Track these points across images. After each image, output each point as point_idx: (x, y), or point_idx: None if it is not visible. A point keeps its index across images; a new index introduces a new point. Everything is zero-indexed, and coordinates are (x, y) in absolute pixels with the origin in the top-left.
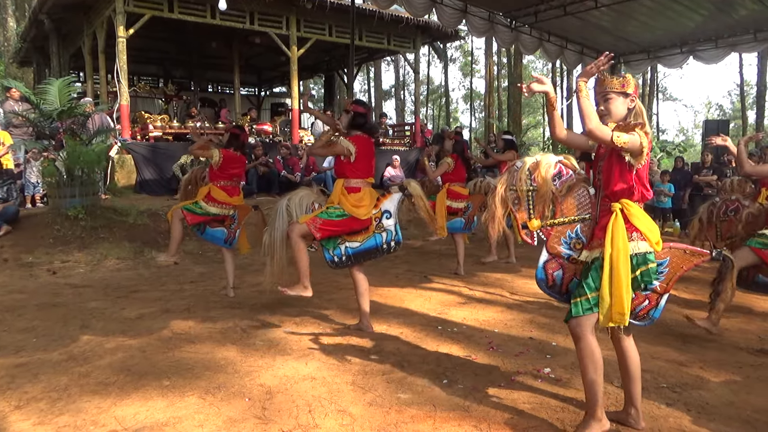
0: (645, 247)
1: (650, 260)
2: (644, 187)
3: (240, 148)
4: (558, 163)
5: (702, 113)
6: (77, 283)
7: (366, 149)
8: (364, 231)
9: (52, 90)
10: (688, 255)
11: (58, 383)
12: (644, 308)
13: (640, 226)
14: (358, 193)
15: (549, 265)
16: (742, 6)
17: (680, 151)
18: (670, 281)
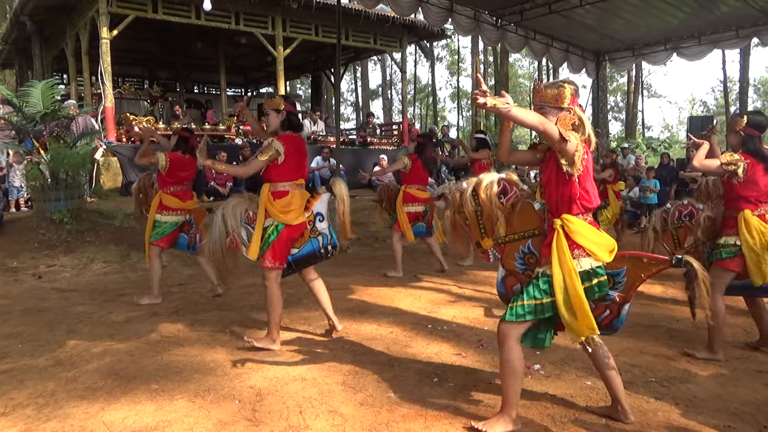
0: (589, 264)
1: (598, 274)
2: (586, 196)
3: (189, 151)
4: (501, 180)
5: (686, 109)
6: (63, 287)
7: (295, 148)
8: (300, 236)
9: (35, 92)
10: (645, 263)
11: (45, 389)
12: (606, 318)
13: (582, 242)
14: (285, 197)
15: (507, 280)
16: (724, 3)
17: (665, 148)
18: (630, 290)
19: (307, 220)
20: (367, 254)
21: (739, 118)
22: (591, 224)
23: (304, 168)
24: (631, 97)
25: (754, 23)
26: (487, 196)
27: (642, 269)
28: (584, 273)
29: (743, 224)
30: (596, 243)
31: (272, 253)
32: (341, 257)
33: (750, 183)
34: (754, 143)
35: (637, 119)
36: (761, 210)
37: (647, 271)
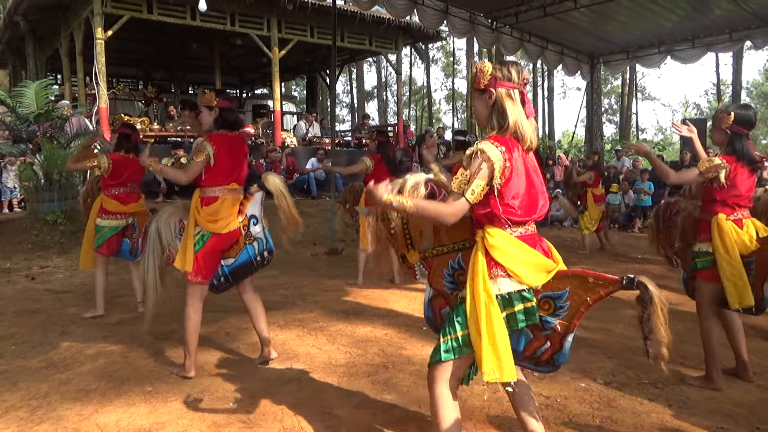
0: (510, 286)
1: (524, 299)
2: (510, 209)
3: (133, 150)
4: (428, 182)
5: (680, 112)
6: (57, 288)
7: (227, 149)
8: (235, 245)
9: (29, 93)
10: (591, 284)
11: (38, 391)
12: (546, 352)
13: (502, 260)
14: (214, 203)
15: (435, 302)
16: (717, 6)
17: (659, 150)
18: (574, 317)
19: (241, 226)
20: None
21: (725, 114)
22: (524, 238)
23: (239, 171)
24: (625, 100)
25: (747, 26)
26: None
27: (587, 291)
28: (503, 297)
29: (715, 230)
30: (521, 262)
31: (195, 265)
32: (336, 259)
33: (730, 187)
34: (741, 143)
35: (631, 121)
36: (737, 214)
37: (593, 293)
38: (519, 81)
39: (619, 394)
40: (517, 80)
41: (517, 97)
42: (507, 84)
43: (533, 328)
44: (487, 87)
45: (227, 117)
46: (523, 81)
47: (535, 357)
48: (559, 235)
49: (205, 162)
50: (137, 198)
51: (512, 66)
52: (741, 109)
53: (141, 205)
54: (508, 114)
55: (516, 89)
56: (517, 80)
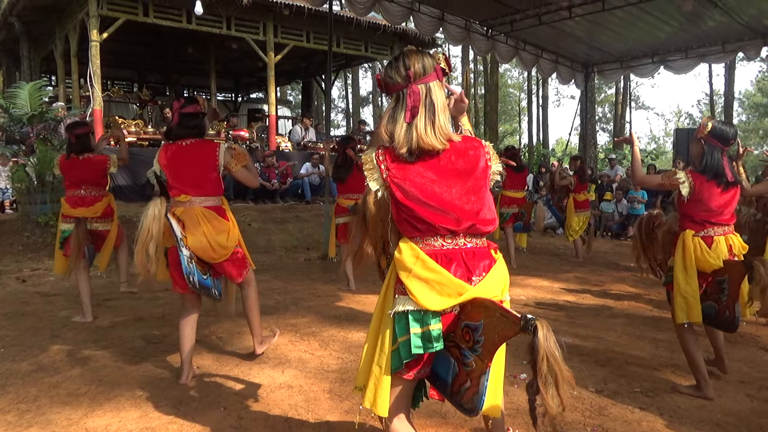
0: (405, 304)
1: (425, 322)
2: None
3: (81, 151)
4: None
5: (673, 121)
6: (47, 291)
7: (173, 159)
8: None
9: (23, 94)
10: (499, 319)
11: (27, 394)
12: (468, 391)
13: (402, 275)
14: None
15: None
16: (710, 18)
17: (652, 159)
18: (489, 356)
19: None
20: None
21: (703, 124)
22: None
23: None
24: (619, 109)
25: (739, 38)
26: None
27: (496, 328)
28: (399, 316)
29: (680, 245)
30: (421, 279)
31: (171, 279)
32: (329, 264)
33: (696, 202)
34: (713, 156)
35: (625, 130)
36: (708, 231)
37: (501, 332)
38: (402, 79)
39: (611, 403)
40: (400, 79)
41: (402, 98)
42: (395, 87)
43: (458, 362)
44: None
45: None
46: (407, 75)
47: (460, 395)
48: (552, 242)
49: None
50: (89, 203)
51: (398, 63)
52: (720, 123)
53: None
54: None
55: (402, 89)
56: (401, 79)
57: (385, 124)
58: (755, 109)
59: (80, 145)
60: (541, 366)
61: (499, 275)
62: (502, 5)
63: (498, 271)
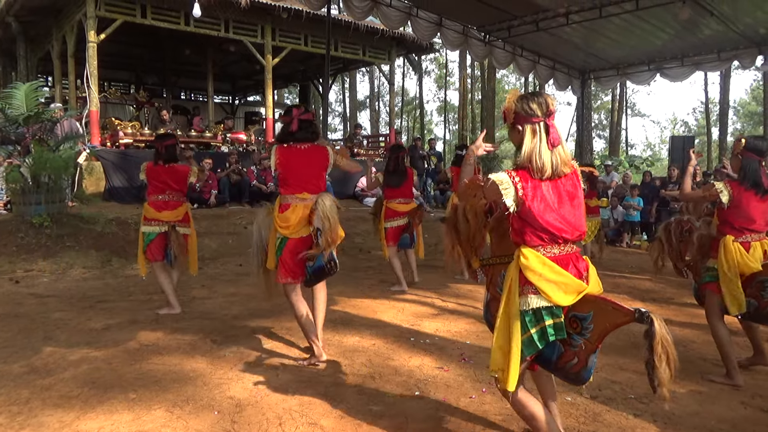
0: (537, 302)
1: (554, 315)
2: (534, 230)
3: (168, 160)
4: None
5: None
6: (41, 292)
7: (292, 161)
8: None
9: (19, 94)
10: (611, 312)
11: (19, 397)
12: (574, 367)
13: (533, 279)
14: (286, 211)
15: (492, 305)
16: (706, 27)
17: (648, 166)
18: (598, 340)
19: (312, 234)
20: (351, 265)
21: (737, 141)
22: (556, 259)
23: (308, 181)
24: (615, 116)
25: (734, 47)
26: (473, 213)
27: (607, 318)
28: (531, 312)
29: (722, 250)
30: (551, 282)
31: (282, 269)
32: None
33: (735, 209)
34: (752, 167)
35: (621, 137)
36: (746, 237)
37: (612, 321)
38: (543, 113)
39: (605, 409)
40: (540, 113)
41: (541, 129)
42: (530, 119)
43: (564, 343)
44: (514, 124)
45: (282, 130)
46: (547, 112)
47: (566, 369)
48: None
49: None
50: (174, 206)
51: (534, 99)
52: (752, 138)
53: (178, 214)
54: (524, 147)
55: (540, 122)
56: (540, 113)
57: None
58: (750, 117)
59: (168, 155)
60: (656, 347)
61: (595, 274)
62: (500, 11)
63: (593, 271)
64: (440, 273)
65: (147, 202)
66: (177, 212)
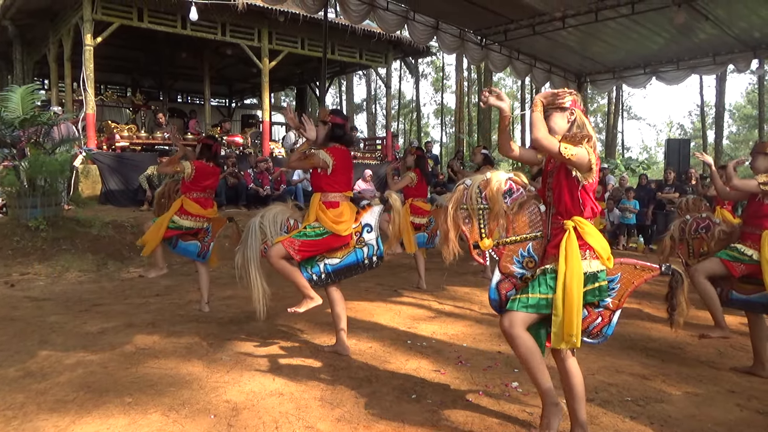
0: (597, 266)
1: (601, 278)
2: (593, 204)
3: (212, 159)
4: (508, 180)
5: (664, 132)
6: (37, 296)
7: (344, 161)
8: (344, 247)
9: (15, 97)
10: (638, 270)
11: (14, 401)
12: (597, 326)
13: (594, 244)
14: (338, 208)
15: (502, 285)
16: (701, 30)
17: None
18: (622, 297)
19: (354, 232)
20: None
21: (762, 143)
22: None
23: (351, 181)
24: (611, 119)
25: (729, 50)
26: (494, 193)
27: (634, 276)
28: (590, 275)
29: (766, 243)
30: (603, 248)
31: (302, 243)
32: None
33: None
34: None
35: (617, 140)
36: None
37: (638, 278)
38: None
39: (602, 411)
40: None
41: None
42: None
43: (589, 306)
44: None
45: (336, 132)
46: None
47: (588, 331)
48: None
49: (313, 165)
50: (212, 204)
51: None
52: None
53: (215, 211)
54: (589, 127)
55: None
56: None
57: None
58: (745, 120)
59: (214, 155)
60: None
61: None
62: (497, 15)
63: None
64: (436, 275)
65: (187, 197)
66: (215, 209)
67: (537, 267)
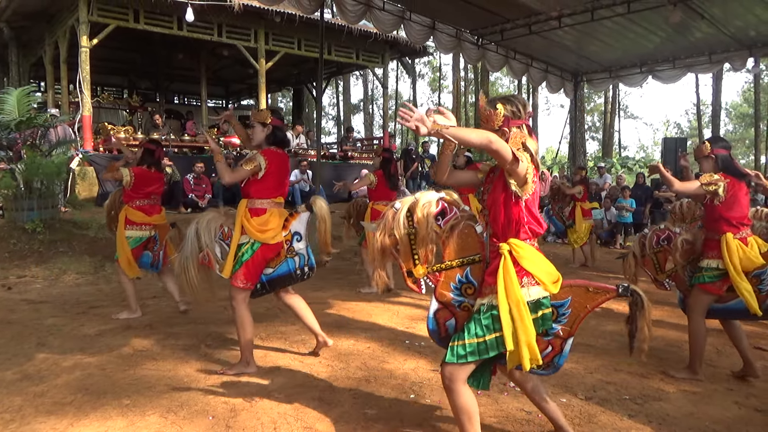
0: (537, 293)
1: (544, 305)
2: (534, 221)
3: (155, 165)
4: (440, 200)
5: (661, 131)
6: (34, 298)
7: (279, 166)
8: (276, 256)
9: (10, 100)
10: (591, 293)
11: (12, 404)
12: (548, 355)
13: (531, 269)
14: (263, 215)
15: (440, 314)
16: (697, 29)
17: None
18: (575, 323)
19: (284, 240)
20: (345, 268)
21: (703, 145)
22: (538, 251)
23: (285, 186)
24: (608, 118)
25: (725, 49)
26: (423, 216)
27: (587, 300)
28: (531, 303)
29: (725, 249)
30: (545, 272)
31: (245, 272)
32: (319, 271)
33: (732, 203)
34: (730, 162)
35: (614, 139)
36: (743, 233)
37: (592, 301)
38: (525, 115)
39: (600, 410)
40: (523, 115)
41: (525, 130)
42: (517, 121)
43: (537, 335)
44: (501, 127)
45: (278, 134)
46: (527, 113)
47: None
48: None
49: (253, 172)
50: (159, 210)
51: (519, 102)
52: (713, 138)
53: (163, 217)
54: (531, 149)
55: (524, 124)
56: (524, 115)
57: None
58: (741, 119)
59: (155, 160)
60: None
61: None
62: (493, 14)
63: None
64: None
65: (130, 206)
66: (162, 215)
67: (477, 294)
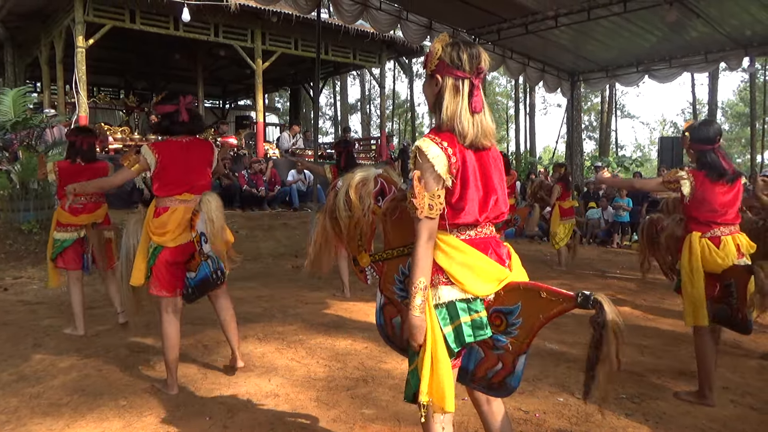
0: (449, 295)
1: (471, 310)
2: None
3: (82, 155)
4: (377, 177)
5: (657, 130)
6: (30, 299)
7: (173, 157)
8: (191, 259)
9: (6, 100)
10: (546, 299)
11: (8, 405)
12: (498, 373)
13: (445, 265)
14: (162, 215)
15: (386, 309)
16: (693, 28)
17: (637, 166)
18: (528, 337)
19: (194, 241)
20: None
21: (683, 135)
22: (473, 242)
23: (194, 180)
24: (605, 117)
25: (721, 48)
26: (358, 196)
27: (541, 308)
28: (446, 307)
29: (686, 248)
30: (467, 267)
31: (154, 280)
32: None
33: (700, 202)
34: (707, 157)
35: (611, 138)
36: (715, 232)
37: (547, 310)
38: (471, 70)
39: (597, 409)
40: (468, 69)
41: (465, 88)
42: (455, 72)
43: (484, 346)
44: (434, 72)
45: (162, 123)
46: (476, 70)
47: (487, 379)
48: (540, 249)
49: (139, 171)
50: (91, 209)
51: (465, 50)
52: (696, 128)
53: (96, 216)
54: (444, 106)
55: (465, 79)
56: (469, 69)
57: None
58: (738, 118)
59: (90, 152)
60: (608, 335)
61: (518, 261)
62: (489, 14)
63: (516, 257)
64: None
65: (60, 206)
66: (96, 215)
67: None
